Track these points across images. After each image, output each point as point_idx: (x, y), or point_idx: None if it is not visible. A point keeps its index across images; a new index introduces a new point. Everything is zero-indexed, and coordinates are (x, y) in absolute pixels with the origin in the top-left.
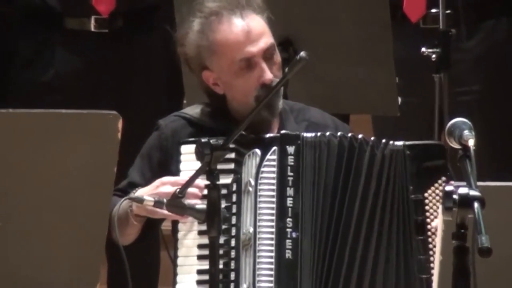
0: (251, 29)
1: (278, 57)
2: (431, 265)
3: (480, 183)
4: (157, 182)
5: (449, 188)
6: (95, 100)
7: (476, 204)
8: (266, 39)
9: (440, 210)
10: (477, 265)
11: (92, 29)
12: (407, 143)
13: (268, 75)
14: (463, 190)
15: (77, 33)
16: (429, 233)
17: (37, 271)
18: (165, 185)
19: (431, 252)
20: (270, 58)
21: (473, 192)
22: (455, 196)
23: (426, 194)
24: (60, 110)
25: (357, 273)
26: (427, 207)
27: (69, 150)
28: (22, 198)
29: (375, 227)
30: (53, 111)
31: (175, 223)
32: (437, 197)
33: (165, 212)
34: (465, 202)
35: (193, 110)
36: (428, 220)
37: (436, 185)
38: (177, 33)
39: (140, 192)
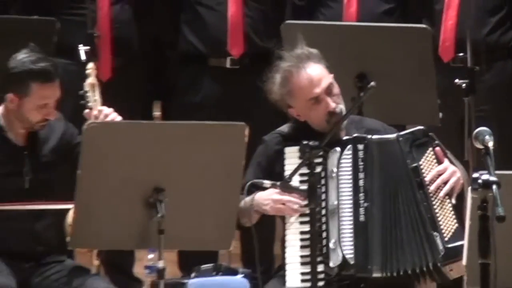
0: (313, 77)
1: (336, 89)
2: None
3: (497, 172)
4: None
5: (475, 175)
6: (229, 115)
7: (494, 186)
8: (326, 80)
9: (469, 190)
10: (495, 229)
11: (228, 66)
12: (398, 133)
13: (331, 105)
14: (485, 176)
15: (217, 68)
16: (428, 188)
17: (191, 231)
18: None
19: (432, 196)
20: (330, 92)
21: (492, 178)
22: (479, 181)
23: (420, 162)
24: (205, 122)
25: (399, 226)
26: (423, 170)
27: (211, 149)
28: (182, 183)
29: (400, 190)
30: (201, 122)
31: None
32: (431, 161)
33: (272, 205)
34: (487, 184)
35: (286, 129)
36: (426, 178)
37: (426, 154)
38: (265, 86)
39: (259, 195)
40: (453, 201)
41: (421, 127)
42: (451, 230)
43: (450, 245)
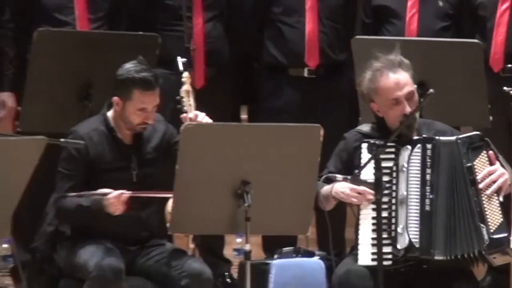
0: (399, 81)
1: (416, 97)
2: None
3: None
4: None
5: None
6: (307, 118)
7: None
8: (409, 88)
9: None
10: None
11: (305, 75)
12: (458, 137)
13: (407, 109)
14: None
15: (296, 78)
16: (479, 186)
17: (273, 219)
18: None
19: (482, 193)
20: (410, 98)
21: None
22: None
23: (474, 162)
24: (287, 124)
25: (454, 216)
26: (476, 170)
27: (291, 147)
28: (266, 176)
29: (456, 186)
30: (283, 124)
31: None
32: (483, 162)
33: (349, 193)
34: None
35: (364, 127)
36: (478, 177)
37: (480, 156)
38: (357, 79)
39: (338, 184)
40: (501, 198)
41: (478, 133)
42: (496, 224)
43: (494, 236)
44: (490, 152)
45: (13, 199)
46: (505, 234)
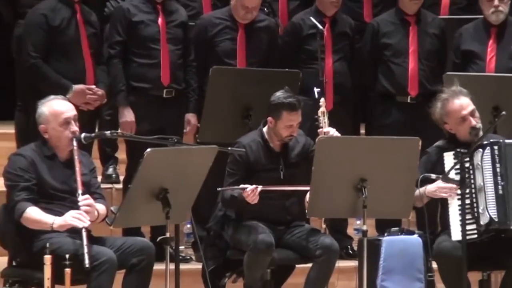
0: (462, 104)
1: (477, 114)
2: None
3: None
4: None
5: None
6: (409, 133)
7: None
8: (470, 107)
9: None
10: None
11: (408, 101)
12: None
13: (473, 122)
14: None
15: (401, 103)
16: None
17: (384, 206)
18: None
19: None
20: (473, 114)
21: None
22: None
23: None
24: (394, 137)
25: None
26: None
27: (398, 154)
28: (378, 175)
29: (509, 175)
30: (392, 137)
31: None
32: None
33: (440, 190)
34: None
35: (440, 143)
36: None
37: None
38: (431, 110)
39: (429, 186)
40: None
41: None
42: None
43: None
44: None
45: (194, 192)
46: None
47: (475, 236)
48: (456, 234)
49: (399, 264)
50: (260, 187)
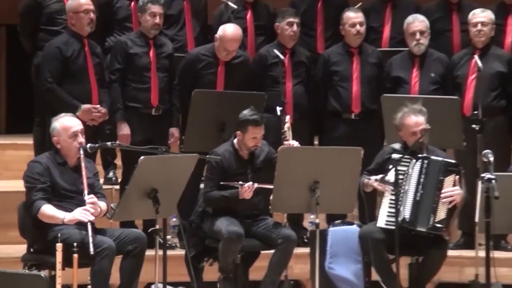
0: (417, 122)
1: (427, 130)
2: (437, 206)
3: (494, 173)
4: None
5: (483, 175)
6: (353, 144)
7: (493, 180)
8: (422, 126)
9: (479, 182)
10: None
11: (353, 117)
12: (444, 159)
13: (419, 137)
14: (488, 175)
15: (346, 119)
16: (442, 192)
17: (332, 203)
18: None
19: (441, 198)
20: (422, 132)
21: (492, 176)
22: (485, 177)
23: (445, 179)
24: (341, 147)
25: (428, 205)
26: (444, 184)
27: (344, 160)
28: (328, 178)
29: (431, 188)
30: (340, 147)
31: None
32: (450, 180)
33: (377, 184)
34: (489, 179)
35: (395, 145)
36: (443, 188)
37: (450, 177)
38: (384, 120)
39: (372, 180)
40: (449, 206)
41: (456, 162)
42: (440, 218)
43: (436, 225)
44: (457, 176)
45: (178, 192)
46: (442, 225)
47: (393, 227)
48: (380, 221)
49: (342, 249)
50: (256, 184)
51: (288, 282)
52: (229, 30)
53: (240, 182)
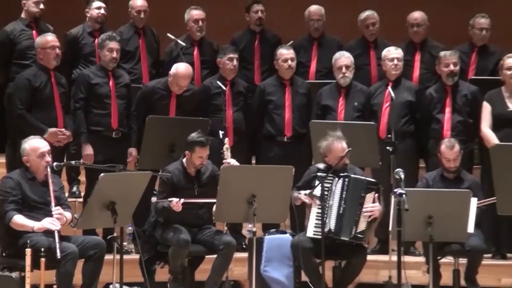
0: (342, 147)
1: (348, 153)
2: (359, 219)
3: (404, 188)
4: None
5: (395, 190)
6: (286, 163)
7: (403, 195)
8: (345, 150)
9: (392, 196)
10: (403, 214)
11: (285, 140)
12: (365, 178)
13: (345, 161)
14: (399, 190)
15: (280, 142)
16: (363, 207)
17: (267, 214)
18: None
19: (361, 213)
20: (346, 155)
21: (403, 191)
22: (397, 192)
23: (366, 195)
24: (275, 165)
25: (350, 218)
26: (366, 200)
27: (280, 176)
28: (265, 192)
29: (354, 203)
30: (274, 165)
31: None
32: (371, 197)
33: (305, 198)
34: (400, 194)
35: (320, 165)
36: (364, 203)
37: (370, 194)
38: (313, 144)
39: (301, 194)
40: (369, 219)
41: (376, 181)
42: (361, 229)
43: (357, 235)
44: (376, 194)
45: (134, 204)
46: (362, 236)
47: (320, 236)
48: (309, 231)
49: (276, 255)
50: (182, 200)
51: (229, 283)
52: (181, 68)
53: (171, 199)
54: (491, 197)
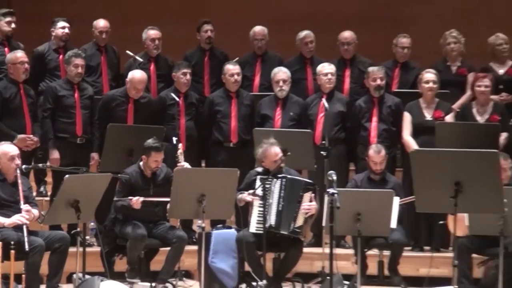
0: (277, 152)
1: (283, 157)
2: (297, 215)
3: (336, 188)
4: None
5: (328, 190)
6: (232, 166)
7: (335, 194)
8: (279, 154)
9: (325, 195)
10: (335, 212)
11: (231, 146)
12: (303, 179)
13: (278, 164)
14: (331, 190)
15: (226, 147)
16: (301, 205)
17: (215, 211)
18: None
19: (299, 210)
20: (281, 158)
21: (334, 191)
22: (330, 192)
23: (304, 195)
24: (222, 168)
25: (289, 214)
26: (303, 199)
27: (224, 179)
28: (215, 192)
29: (293, 202)
30: (221, 168)
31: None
32: (308, 196)
33: (248, 197)
34: (332, 193)
35: (258, 169)
36: (302, 201)
37: (308, 193)
38: (255, 149)
39: (244, 195)
40: (306, 216)
41: (313, 182)
42: (298, 224)
43: (295, 229)
44: (313, 194)
45: (96, 202)
46: (300, 230)
47: (261, 231)
48: (252, 227)
49: (222, 248)
50: (141, 198)
51: (180, 272)
52: (136, 74)
53: (130, 197)
54: (411, 196)
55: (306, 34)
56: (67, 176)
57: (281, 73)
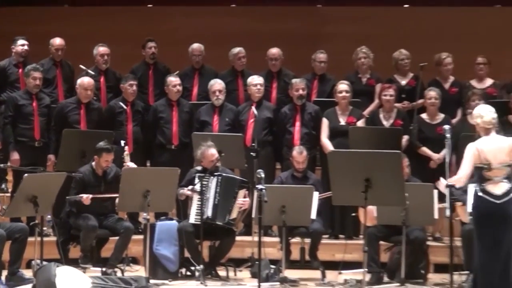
0: (213, 153)
1: (218, 157)
2: (232, 209)
3: (264, 184)
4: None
5: (258, 186)
6: (174, 166)
7: (263, 190)
8: (216, 155)
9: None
10: (263, 205)
11: (173, 148)
12: (239, 178)
13: (214, 163)
14: (260, 186)
15: (169, 149)
16: (236, 200)
17: (158, 204)
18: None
19: (234, 204)
20: (217, 159)
21: (263, 187)
22: (259, 188)
23: (239, 191)
24: (165, 167)
25: (225, 208)
26: (238, 195)
27: (166, 177)
28: (159, 186)
29: (229, 197)
30: (164, 168)
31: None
32: (242, 192)
33: (187, 192)
34: (261, 189)
35: (198, 168)
36: (237, 197)
37: (242, 190)
38: (194, 151)
39: (184, 190)
40: (240, 210)
41: (247, 180)
42: (232, 217)
43: (229, 221)
44: (247, 191)
45: (52, 198)
46: (233, 222)
47: (199, 222)
48: (191, 218)
49: (165, 237)
50: (91, 196)
51: (128, 259)
52: (84, 79)
53: (81, 195)
54: (329, 192)
55: (239, 50)
56: (26, 175)
57: (217, 84)
